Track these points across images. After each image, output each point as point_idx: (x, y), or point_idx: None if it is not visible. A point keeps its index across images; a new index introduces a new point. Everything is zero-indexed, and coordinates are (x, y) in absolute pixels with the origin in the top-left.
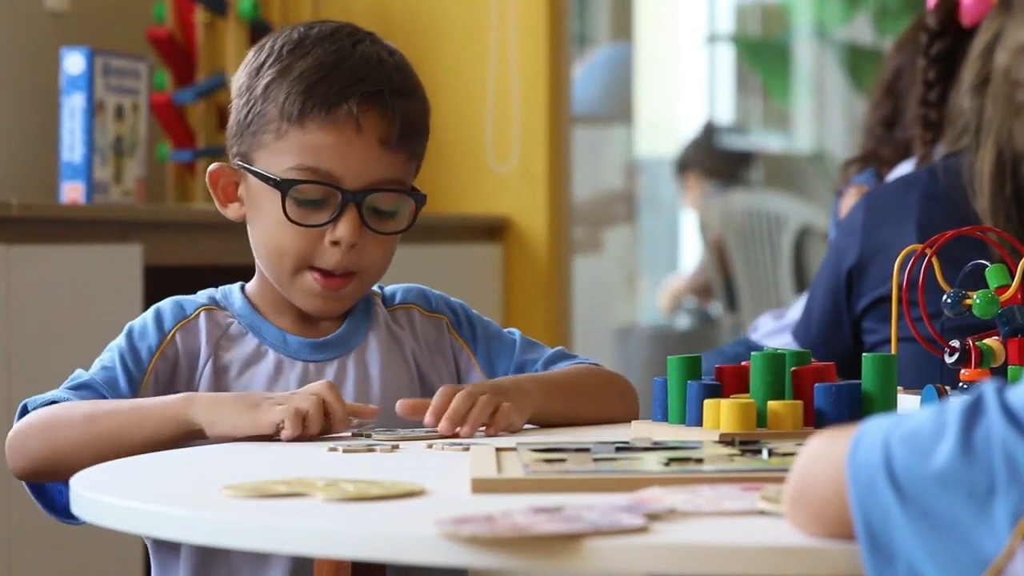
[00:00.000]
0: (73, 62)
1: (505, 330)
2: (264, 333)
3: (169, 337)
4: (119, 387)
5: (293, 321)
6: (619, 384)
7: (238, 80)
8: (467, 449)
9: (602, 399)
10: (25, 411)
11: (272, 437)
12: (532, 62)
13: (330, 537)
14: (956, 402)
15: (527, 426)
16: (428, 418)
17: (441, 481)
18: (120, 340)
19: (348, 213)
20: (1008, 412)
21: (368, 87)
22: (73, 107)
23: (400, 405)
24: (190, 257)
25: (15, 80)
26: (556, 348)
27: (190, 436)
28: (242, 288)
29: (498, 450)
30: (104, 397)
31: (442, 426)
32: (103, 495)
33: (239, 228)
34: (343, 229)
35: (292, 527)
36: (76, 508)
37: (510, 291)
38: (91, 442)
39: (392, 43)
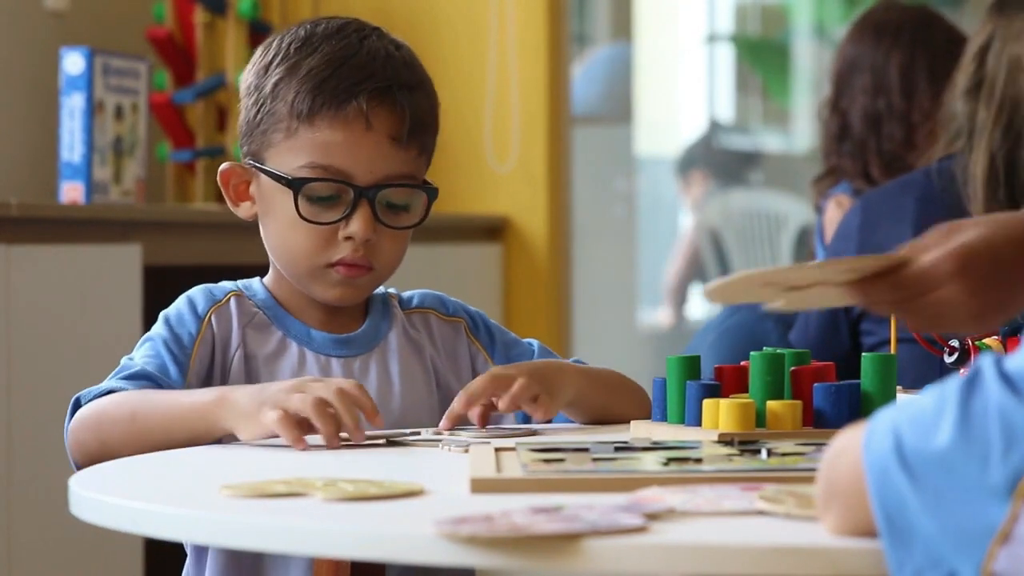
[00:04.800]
0: (73, 62)
1: (524, 340)
2: (288, 326)
3: (205, 321)
4: (169, 373)
5: (316, 318)
6: (638, 390)
7: (246, 80)
8: (467, 450)
9: (627, 400)
10: (78, 404)
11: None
12: (532, 62)
13: (330, 537)
14: (956, 378)
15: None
16: (458, 405)
17: (440, 481)
18: (160, 329)
19: (361, 209)
20: (1005, 378)
21: (377, 83)
22: (73, 107)
23: (443, 424)
24: (190, 257)
25: (15, 80)
26: (573, 358)
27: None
28: (261, 282)
29: (497, 450)
30: (158, 384)
31: (459, 406)
32: (103, 495)
33: (239, 228)
34: (356, 225)
35: (291, 527)
36: (76, 508)
37: (510, 291)
38: (134, 440)
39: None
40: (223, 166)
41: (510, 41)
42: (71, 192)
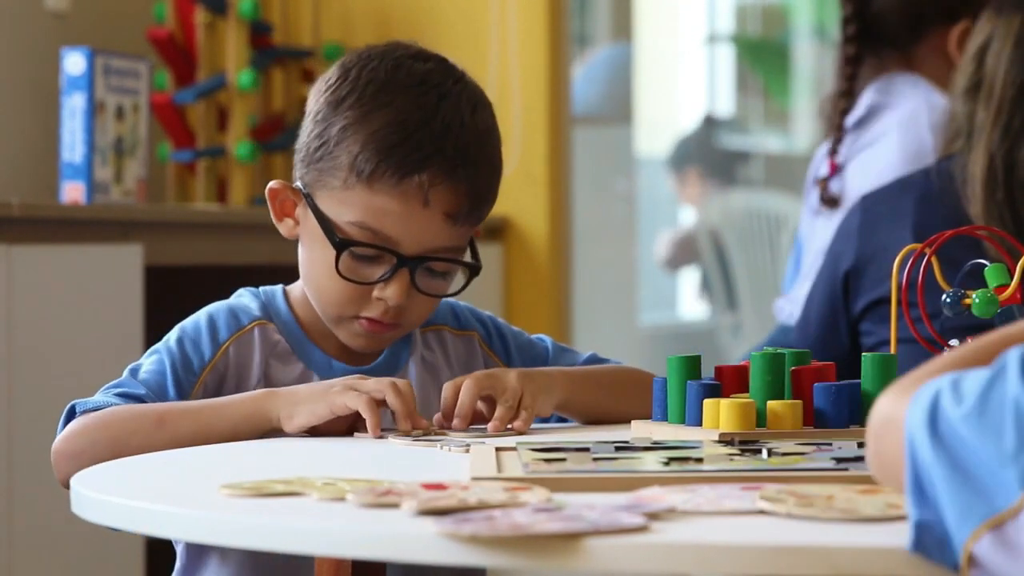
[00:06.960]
0: (74, 62)
1: (535, 337)
2: (310, 356)
3: (223, 350)
4: (167, 396)
5: (337, 344)
6: (647, 386)
7: (316, 100)
8: (468, 449)
9: (633, 395)
10: (73, 413)
11: (333, 431)
12: (532, 62)
13: (330, 537)
14: (1008, 357)
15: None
16: (440, 418)
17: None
18: (171, 344)
19: (400, 276)
20: None
21: (443, 160)
22: (74, 107)
23: (435, 421)
24: (190, 257)
25: (16, 80)
26: (589, 353)
27: (265, 432)
28: (285, 295)
29: (498, 450)
30: None
31: (456, 424)
32: (104, 494)
33: (240, 228)
34: (392, 291)
35: (292, 527)
36: (76, 507)
37: (510, 291)
38: (162, 444)
39: (479, 88)
40: (272, 184)
41: (510, 41)
42: (72, 192)
